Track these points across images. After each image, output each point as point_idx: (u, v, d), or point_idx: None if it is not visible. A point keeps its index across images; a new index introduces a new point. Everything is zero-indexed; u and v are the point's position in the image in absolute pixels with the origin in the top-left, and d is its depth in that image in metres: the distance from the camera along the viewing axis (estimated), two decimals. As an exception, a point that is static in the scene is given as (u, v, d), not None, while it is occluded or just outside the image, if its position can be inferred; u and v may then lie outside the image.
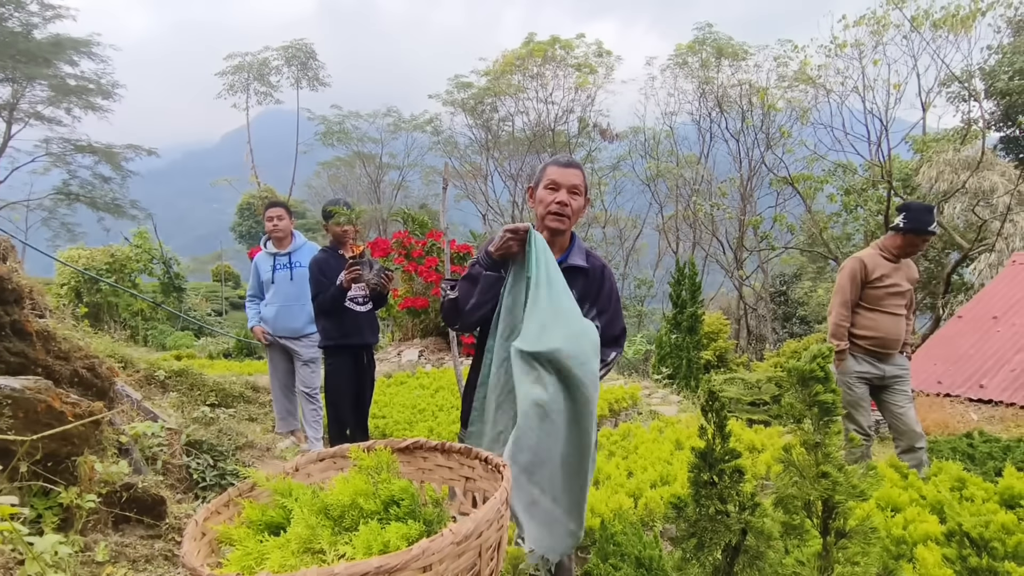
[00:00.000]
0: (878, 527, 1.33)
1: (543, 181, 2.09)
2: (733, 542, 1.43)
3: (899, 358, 3.88)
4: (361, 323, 3.86)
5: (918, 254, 3.92)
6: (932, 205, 3.92)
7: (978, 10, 12.93)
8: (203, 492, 2.88)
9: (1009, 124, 15.96)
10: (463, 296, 2.05)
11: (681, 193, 22.89)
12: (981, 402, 7.07)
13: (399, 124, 28.33)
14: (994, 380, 7.26)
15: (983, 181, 13.18)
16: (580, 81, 23.49)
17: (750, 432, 4.89)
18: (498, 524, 1.11)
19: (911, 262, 3.93)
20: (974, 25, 13.28)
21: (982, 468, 4.29)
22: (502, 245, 1.95)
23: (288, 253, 4.41)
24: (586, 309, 2.12)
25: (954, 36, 13.60)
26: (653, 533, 3.02)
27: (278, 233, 4.43)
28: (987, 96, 15.69)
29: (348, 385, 3.86)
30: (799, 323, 20.18)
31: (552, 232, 2.10)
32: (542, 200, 2.08)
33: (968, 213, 13.47)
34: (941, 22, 13.26)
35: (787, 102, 19.56)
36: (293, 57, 22.73)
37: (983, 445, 4.93)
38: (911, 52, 14.39)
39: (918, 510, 2.97)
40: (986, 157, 13.44)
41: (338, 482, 1.21)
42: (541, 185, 2.09)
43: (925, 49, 13.98)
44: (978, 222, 13.14)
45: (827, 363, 1.30)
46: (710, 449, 1.37)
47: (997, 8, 13.14)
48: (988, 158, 13.60)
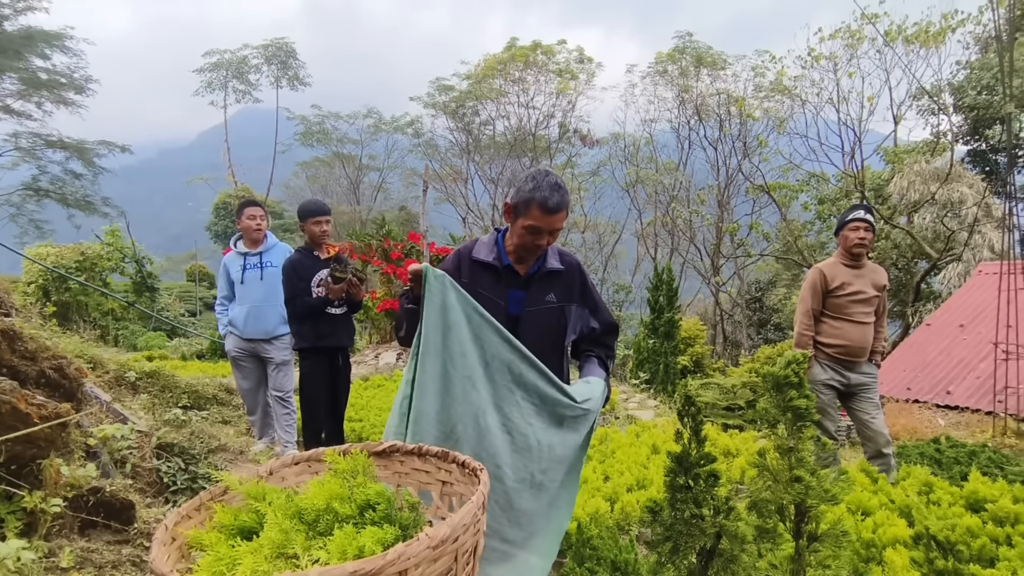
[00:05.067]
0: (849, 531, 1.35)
1: (526, 219, 1.96)
2: (708, 546, 1.44)
3: (866, 366, 3.93)
4: (336, 326, 3.83)
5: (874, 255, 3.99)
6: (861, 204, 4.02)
7: (948, 27, 13.34)
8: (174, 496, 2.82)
9: (976, 138, 16.43)
10: (399, 319, 2.05)
11: (660, 199, 23.15)
12: (948, 408, 7.25)
13: (380, 125, 28.20)
14: (960, 387, 7.44)
15: (952, 192, 13.54)
16: (561, 87, 23.64)
17: (725, 437, 4.95)
18: (475, 528, 1.10)
19: (879, 268, 4.00)
20: (944, 41, 13.69)
21: (949, 473, 4.40)
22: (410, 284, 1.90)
23: (259, 253, 4.33)
24: (571, 310, 2.13)
25: (925, 51, 14.02)
26: (629, 537, 3.03)
27: (258, 234, 4.37)
28: (956, 110, 16.13)
29: (323, 388, 3.82)
30: (774, 329, 20.49)
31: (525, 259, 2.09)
32: (520, 235, 2.00)
33: (937, 223, 13.83)
34: (913, 37, 13.65)
35: (764, 112, 19.91)
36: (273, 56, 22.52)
37: (950, 450, 5.05)
38: (884, 66, 14.81)
39: (887, 514, 3.03)
40: (955, 169, 13.83)
41: (313, 486, 1.19)
42: (523, 220, 1.97)
43: (897, 63, 14.40)
44: (947, 232, 13.50)
45: (801, 369, 1.33)
46: (686, 454, 1.39)
47: (967, 25, 13.56)
48: (957, 170, 13.98)
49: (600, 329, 2.20)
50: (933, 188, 13.50)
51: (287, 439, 4.24)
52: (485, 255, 2.08)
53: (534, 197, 1.93)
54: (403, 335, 2.00)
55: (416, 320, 1.86)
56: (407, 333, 1.95)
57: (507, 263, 2.08)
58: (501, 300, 2.06)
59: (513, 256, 2.08)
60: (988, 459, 4.80)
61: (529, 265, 2.10)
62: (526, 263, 2.10)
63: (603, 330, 2.21)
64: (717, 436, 4.95)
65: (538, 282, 2.10)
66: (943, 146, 15.17)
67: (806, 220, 18.87)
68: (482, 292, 2.03)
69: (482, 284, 2.05)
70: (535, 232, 1.97)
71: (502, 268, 2.07)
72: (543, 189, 1.93)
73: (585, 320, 2.17)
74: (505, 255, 2.08)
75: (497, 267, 2.07)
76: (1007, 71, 7.38)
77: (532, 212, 1.94)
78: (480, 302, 1.96)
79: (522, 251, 2.03)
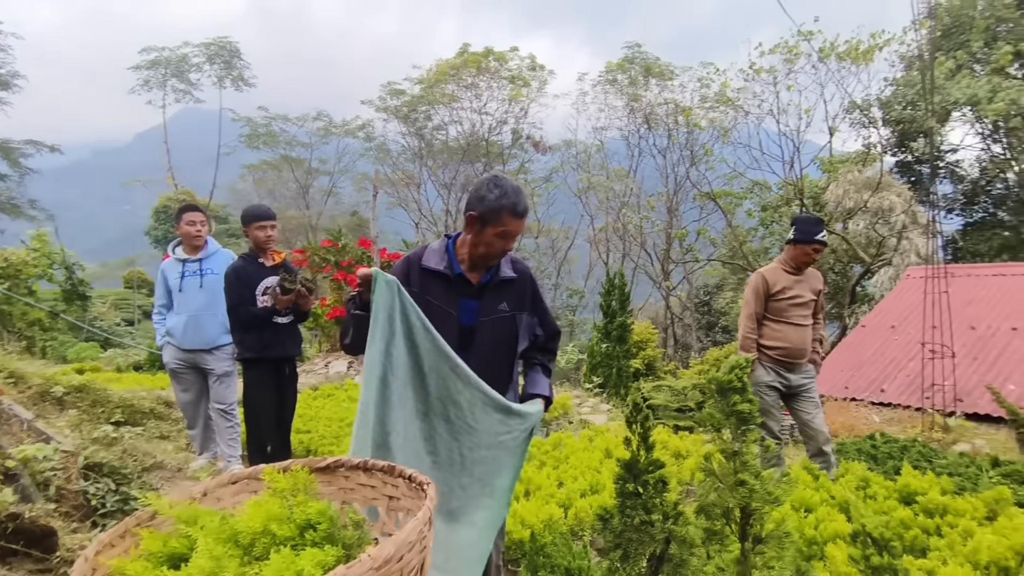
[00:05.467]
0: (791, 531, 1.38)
1: (497, 226, 1.95)
2: (658, 551, 1.45)
3: (806, 367, 4.09)
4: (282, 335, 3.70)
5: (815, 264, 4.15)
6: (820, 218, 4.18)
7: (876, 45, 14.10)
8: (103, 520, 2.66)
9: (903, 150, 17.41)
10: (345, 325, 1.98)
11: (611, 206, 23.55)
12: (882, 405, 7.61)
13: (330, 129, 27.67)
14: (893, 384, 7.83)
15: (882, 201, 14.28)
16: (514, 93, 23.78)
17: (676, 439, 5.04)
18: (420, 546, 1.07)
19: (816, 273, 4.16)
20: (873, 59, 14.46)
21: (884, 467, 4.60)
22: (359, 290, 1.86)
23: (199, 260, 4.14)
24: (522, 319, 2.13)
25: (856, 68, 14.77)
26: (583, 542, 3.04)
27: (199, 240, 4.19)
28: (884, 123, 17.06)
29: (268, 400, 3.68)
30: (722, 332, 21.08)
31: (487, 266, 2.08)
32: (490, 243, 1.98)
33: (869, 230, 14.55)
34: (845, 55, 14.36)
35: (709, 122, 20.53)
36: (216, 55, 21.76)
37: (884, 446, 5.30)
38: (819, 80, 15.51)
39: (828, 510, 3.15)
40: (884, 179, 14.60)
41: (249, 507, 1.13)
42: (493, 228, 1.96)
43: (831, 78, 15.12)
44: (878, 238, 14.22)
45: (745, 374, 1.35)
46: (635, 460, 1.39)
47: (892, 44, 14.37)
48: (886, 180, 14.77)
49: (544, 336, 2.22)
50: (865, 196, 14.21)
51: (231, 454, 4.07)
52: (436, 263, 2.02)
53: (503, 204, 1.94)
54: (348, 342, 1.94)
55: (362, 327, 1.81)
56: (353, 340, 1.90)
57: (459, 272, 2.03)
58: (452, 310, 2.02)
59: (468, 264, 2.05)
60: (918, 453, 5.05)
61: (482, 274, 2.08)
62: (479, 271, 2.07)
63: (547, 336, 2.22)
64: (668, 438, 5.03)
65: (491, 291, 2.08)
66: (873, 157, 16.01)
67: (750, 226, 19.56)
68: (432, 301, 1.98)
69: (432, 293, 2.00)
70: (507, 237, 1.98)
71: (453, 277, 2.03)
72: (510, 195, 1.95)
73: (533, 328, 2.18)
74: (456, 263, 2.04)
75: (448, 276, 2.02)
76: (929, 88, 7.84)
77: (504, 219, 1.95)
78: (430, 312, 1.94)
79: (488, 259, 2.02)
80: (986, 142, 18.14)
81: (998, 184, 18.06)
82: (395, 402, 1.78)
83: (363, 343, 1.88)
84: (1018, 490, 3.96)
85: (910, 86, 16.16)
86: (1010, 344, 7.74)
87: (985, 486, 3.90)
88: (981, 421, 6.63)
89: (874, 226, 14.38)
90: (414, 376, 1.81)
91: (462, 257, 2.05)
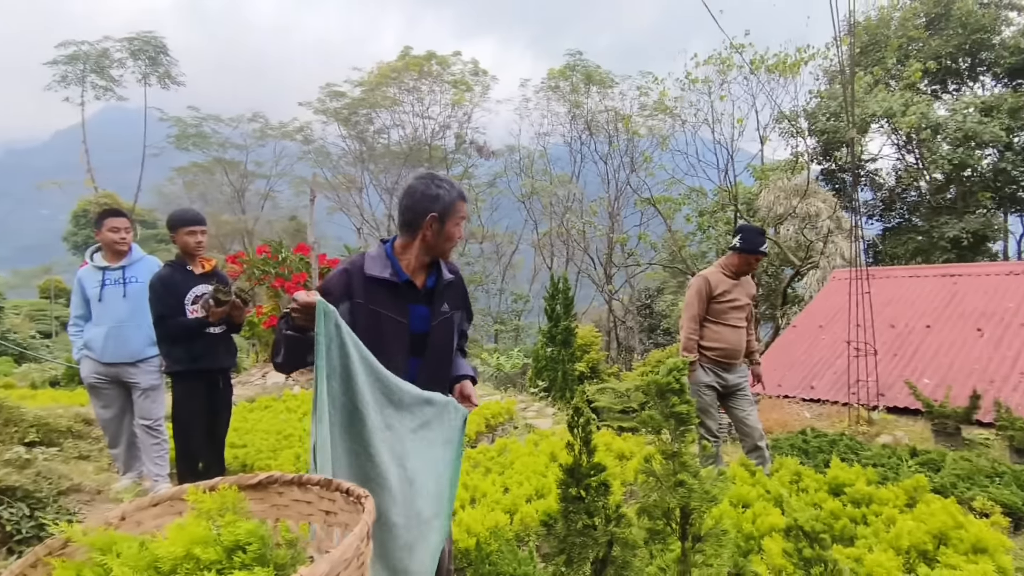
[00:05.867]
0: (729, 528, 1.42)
1: (455, 216, 1.98)
2: (601, 555, 1.45)
3: (741, 367, 4.27)
4: (215, 345, 3.52)
5: (753, 272, 4.33)
6: (762, 228, 4.37)
7: (802, 59, 14.86)
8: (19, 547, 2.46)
9: (827, 159, 18.41)
10: (274, 344, 1.88)
11: (554, 211, 23.82)
12: (812, 401, 7.98)
13: (266, 131, 26.80)
14: (822, 382, 8.23)
15: (810, 207, 15.03)
16: (456, 98, 23.74)
17: (620, 440, 5.11)
18: (358, 562, 1.03)
19: (749, 279, 4.34)
20: (799, 72, 15.23)
21: (815, 461, 4.82)
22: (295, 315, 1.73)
23: (121, 267, 3.90)
24: (459, 316, 2.16)
25: (784, 80, 15.50)
26: (529, 548, 3.03)
27: (123, 248, 3.94)
28: (810, 134, 17.98)
29: (200, 414, 3.50)
30: (663, 334, 21.63)
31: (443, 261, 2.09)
32: (451, 236, 1.99)
33: (798, 234, 15.28)
34: (773, 67, 15.06)
35: (648, 129, 21.10)
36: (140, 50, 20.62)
37: (815, 440, 5.56)
38: (751, 91, 16.20)
39: (764, 504, 3.26)
40: (811, 186, 15.36)
41: (171, 530, 1.06)
42: (452, 220, 1.98)
43: (762, 89, 15.80)
44: (806, 242, 14.95)
45: (682, 376, 1.37)
46: (577, 465, 1.39)
47: (816, 59, 15.17)
48: (813, 187, 15.54)
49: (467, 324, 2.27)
50: (794, 202, 14.92)
51: (158, 472, 3.84)
52: (380, 271, 1.94)
53: (454, 194, 1.99)
54: (280, 362, 1.86)
55: (294, 349, 1.77)
56: (285, 361, 1.84)
57: (405, 278, 1.97)
58: (403, 318, 1.96)
59: (413, 268, 2.01)
60: (846, 446, 5.32)
61: (425, 278, 2.05)
62: (422, 276, 2.04)
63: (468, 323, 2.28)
64: (612, 440, 5.10)
65: (438, 295, 2.05)
66: (801, 165, 16.85)
67: (688, 231, 20.18)
68: (382, 312, 1.92)
69: (380, 302, 1.92)
70: (462, 223, 2.03)
71: (401, 284, 1.96)
72: (454, 184, 2.02)
73: (462, 322, 2.21)
74: (401, 270, 1.98)
75: (396, 283, 1.95)
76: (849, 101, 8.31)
77: (459, 207, 2.00)
78: (381, 322, 1.90)
79: (447, 253, 2.05)
80: (901, 152, 19.43)
81: (912, 192, 19.35)
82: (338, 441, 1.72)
83: (295, 364, 1.83)
84: (934, 477, 4.23)
85: (833, 98, 17.11)
86: (925, 341, 8.28)
87: (905, 475, 4.14)
88: (901, 414, 7.05)
89: (802, 231, 15.12)
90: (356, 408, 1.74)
91: (407, 262, 1.99)
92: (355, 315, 1.87)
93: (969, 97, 17.43)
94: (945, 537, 2.82)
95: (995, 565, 2.55)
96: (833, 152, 17.77)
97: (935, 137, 16.22)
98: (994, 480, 4.21)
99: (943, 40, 17.55)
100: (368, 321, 1.88)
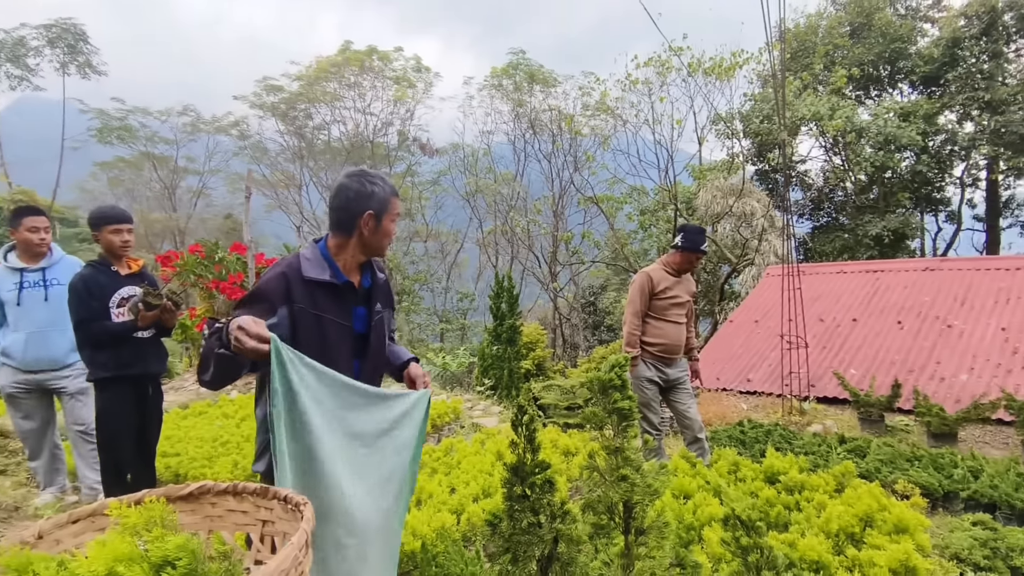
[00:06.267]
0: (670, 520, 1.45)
1: (390, 213, 1.95)
2: (546, 552, 1.45)
3: (681, 362, 4.39)
4: (144, 350, 3.33)
5: (694, 270, 4.47)
6: (703, 228, 4.52)
7: (737, 63, 15.42)
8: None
9: (761, 159, 19.20)
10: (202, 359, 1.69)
11: (499, 209, 23.85)
12: (749, 393, 8.30)
13: (198, 125, 25.67)
14: (758, 374, 8.57)
15: (745, 206, 15.63)
16: (399, 94, 23.41)
17: (565, 437, 5.16)
18: (296, 571, 0.99)
19: (690, 277, 4.47)
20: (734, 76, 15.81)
21: (751, 451, 5.02)
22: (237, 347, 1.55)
23: (41, 269, 3.66)
24: (390, 314, 2.13)
25: (720, 83, 16.05)
26: (475, 548, 3.02)
27: (43, 248, 3.69)
28: (745, 135, 18.71)
29: (128, 423, 3.30)
30: (607, 331, 22.04)
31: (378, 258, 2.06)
32: (388, 232, 1.95)
33: (735, 232, 15.87)
34: (710, 70, 15.56)
35: (591, 129, 21.41)
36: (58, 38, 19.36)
37: (751, 431, 5.78)
38: (689, 93, 16.69)
39: (704, 495, 3.36)
40: (746, 186, 15.99)
41: (93, 548, 1.00)
42: (388, 216, 1.94)
43: (699, 92, 16.31)
44: (742, 240, 15.54)
45: (624, 372, 1.40)
46: (521, 463, 1.39)
47: (750, 63, 15.78)
48: (748, 187, 16.17)
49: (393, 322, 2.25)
50: (730, 202, 15.48)
51: (96, 479, 3.62)
52: (319, 273, 1.86)
53: (388, 191, 1.96)
54: (208, 379, 1.68)
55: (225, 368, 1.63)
56: (213, 379, 1.66)
57: (345, 280, 1.91)
58: (347, 321, 1.91)
59: (349, 268, 1.95)
60: (780, 436, 5.56)
61: (359, 277, 2.01)
62: (357, 275, 2.00)
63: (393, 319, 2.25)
64: (558, 436, 5.14)
65: (375, 294, 2.02)
66: (736, 166, 17.52)
67: (631, 229, 20.63)
68: (326, 316, 1.84)
69: (323, 307, 1.85)
70: (396, 219, 1.99)
71: (341, 285, 1.90)
72: (387, 180, 1.98)
73: (391, 320, 2.18)
74: (340, 271, 1.92)
75: (336, 285, 1.89)
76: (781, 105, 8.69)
77: (394, 203, 1.98)
78: (325, 326, 1.84)
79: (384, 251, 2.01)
80: (828, 154, 20.50)
81: (839, 192, 20.44)
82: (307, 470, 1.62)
83: (223, 383, 1.69)
84: (860, 463, 4.48)
85: (766, 102, 17.86)
86: (851, 334, 8.75)
87: (834, 462, 4.36)
88: (830, 403, 7.43)
89: (738, 229, 15.71)
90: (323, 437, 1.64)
91: (343, 263, 1.93)
92: (296, 320, 1.79)
93: (889, 103, 18.56)
94: (871, 519, 2.99)
95: (915, 543, 2.72)
96: (766, 153, 18.56)
97: (859, 140, 17.19)
98: (913, 463, 4.49)
99: (865, 48, 18.60)
100: (311, 326, 1.81)
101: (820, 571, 2.54)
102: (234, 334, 1.52)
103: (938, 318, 8.29)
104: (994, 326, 7.68)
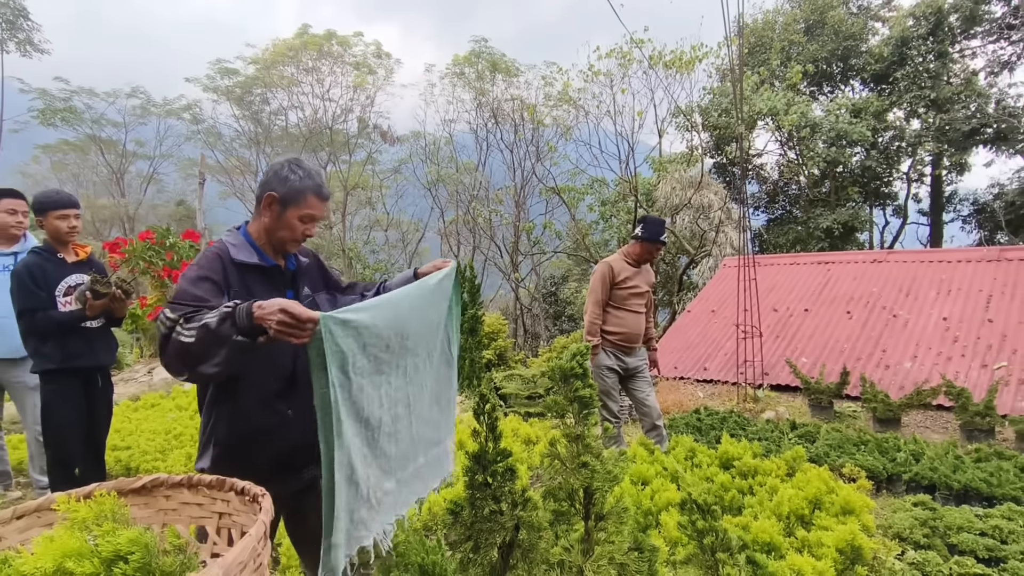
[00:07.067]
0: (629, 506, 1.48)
1: (300, 208, 1.85)
2: (507, 539, 1.47)
3: (641, 351, 4.49)
4: (93, 341, 3.21)
5: (653, 260, 4.56)
6: (663, 219, 4.60)
7: (696, 57, 15.67)
8: None
9: (719, 152, 19.61)
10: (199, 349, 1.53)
11: (461, 199, 23.70)
12: (706, 382, 8.52)
13: (149, 108, 24.67)
14: (714, 363, 8.80)
15: (703, 198, 15.94)
16: (358, 80, 22.97)
17: (526, 426, 5.21)
18: (254, 564, 0.98)
19: (649, 267, 4.56)
20: (694, 69, 16.07)
21: (707, 438, 5.16)
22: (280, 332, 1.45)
23: (14, 253, 3.50)
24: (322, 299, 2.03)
25: (680, 76, 16.29)
26: (437, 537, 3.03)
27: (19, 231, 3.52)
28: (704, 128, 19.06)
29: (76, 416, 3.18)
30: (568, 320, 22.24)
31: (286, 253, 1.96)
32: (292, 227, 1.86)
33: (693, 224, 16.19)
34: (671, 63, 15.78)
35: (553, 119, 21.46)
36: (-4, 13, 18.32)
37: (707, 418, 5.94)
38: (649, 86, 16.90)
39: (662, 481, 3.45)
40: (704, 178, 16.30)
41: (40, 544, 0.96)
42: (297, 210, 1.85)
43: (660, 84, 16.52)
44: (700, 232, 15.87)
45: (585, 361, 1.42)
46: (483, 451, 1.40)
47: (709, 57, 16.05)
48: (706, 179, 16.49)
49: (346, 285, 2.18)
50: (689, 194, 15.77)
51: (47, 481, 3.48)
52: (247, 257, 1.84)
53: (307, 185, 1.86)
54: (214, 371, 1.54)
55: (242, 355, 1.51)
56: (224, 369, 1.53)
57: (272, 263, 1.89)
58: None
59: (270, 251, 1.91)
60: (735, 422, 5.73)
61: (285, 261, 1.97)
62: (281, 258, 1.95)
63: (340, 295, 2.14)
64: (519, 425, 5.19)
65: (300, 278, 1.99)
66: (695, 158, 17.83)
67: (592, 220, 20.81)
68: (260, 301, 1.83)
69: (255, 291, 1.81)
70: (310, 221, 1.88)
71: (269, 268, 1.88)
72: (314, 177, 1.88)
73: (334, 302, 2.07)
74: (264, 254, 1.89)
75: (265, 267, 1.87)
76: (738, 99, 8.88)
77: (309, 201, 1.86)
78: None
79: (286, 244, 1.90)
80: (783, 148, 21.05)
81: (793, 185, 21.06)
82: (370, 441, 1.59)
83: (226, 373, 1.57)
84: (810, 448, 4.66)
85: (724, 96, 18.21)
86: (803, 323, 9.06)
87: (786, 447, 4.52)
88: (783, 391, 7.69)
89: (697, 221, 16.03)
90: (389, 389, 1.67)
91: (263, 242, 1.90)
92: None
93: (841, 99, 19.16)
94: (819, 502, 3.12)
95: (860, 524, 2.86)
96: (724, 146, 18.95)
97: (813, 135, 17.70)
98: (860, 448, 4.70)
99: (819, 45, 19.14)
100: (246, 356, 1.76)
101: (772, 552, 2.64)
102: (276, 318, 1.43)
103: (884, 308, 8.65)
104: (936, 316, 8.06)
